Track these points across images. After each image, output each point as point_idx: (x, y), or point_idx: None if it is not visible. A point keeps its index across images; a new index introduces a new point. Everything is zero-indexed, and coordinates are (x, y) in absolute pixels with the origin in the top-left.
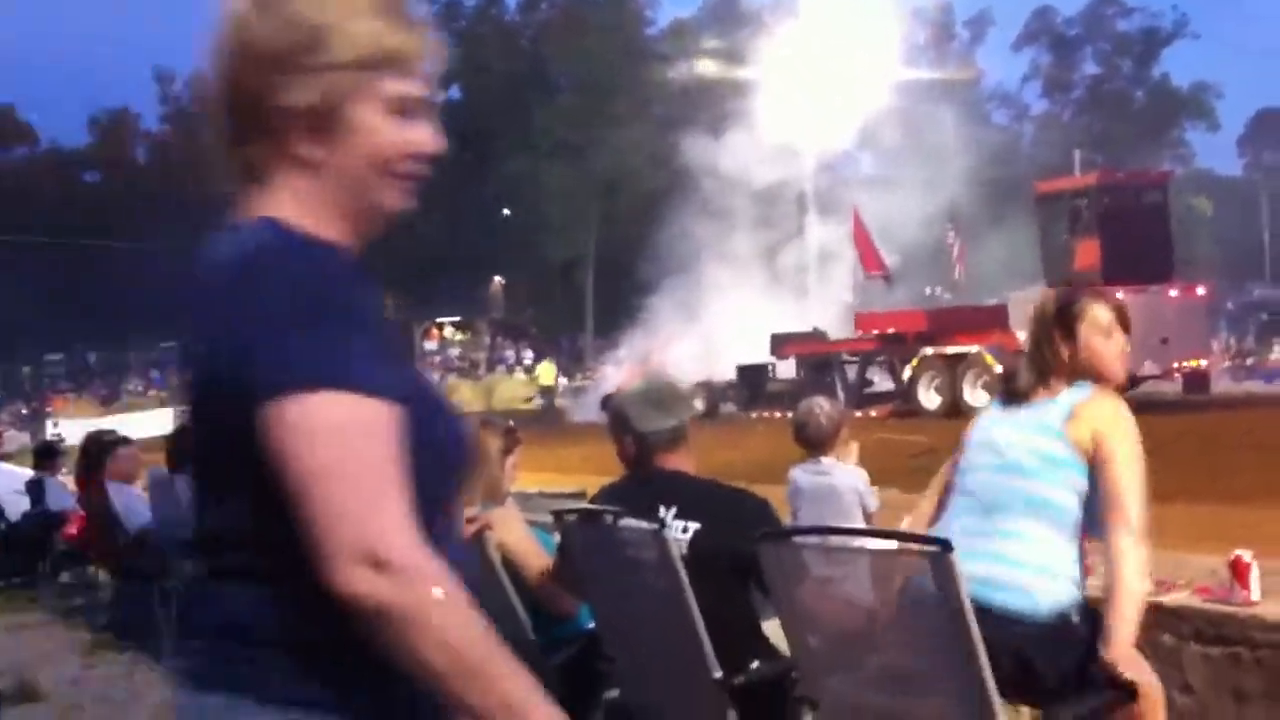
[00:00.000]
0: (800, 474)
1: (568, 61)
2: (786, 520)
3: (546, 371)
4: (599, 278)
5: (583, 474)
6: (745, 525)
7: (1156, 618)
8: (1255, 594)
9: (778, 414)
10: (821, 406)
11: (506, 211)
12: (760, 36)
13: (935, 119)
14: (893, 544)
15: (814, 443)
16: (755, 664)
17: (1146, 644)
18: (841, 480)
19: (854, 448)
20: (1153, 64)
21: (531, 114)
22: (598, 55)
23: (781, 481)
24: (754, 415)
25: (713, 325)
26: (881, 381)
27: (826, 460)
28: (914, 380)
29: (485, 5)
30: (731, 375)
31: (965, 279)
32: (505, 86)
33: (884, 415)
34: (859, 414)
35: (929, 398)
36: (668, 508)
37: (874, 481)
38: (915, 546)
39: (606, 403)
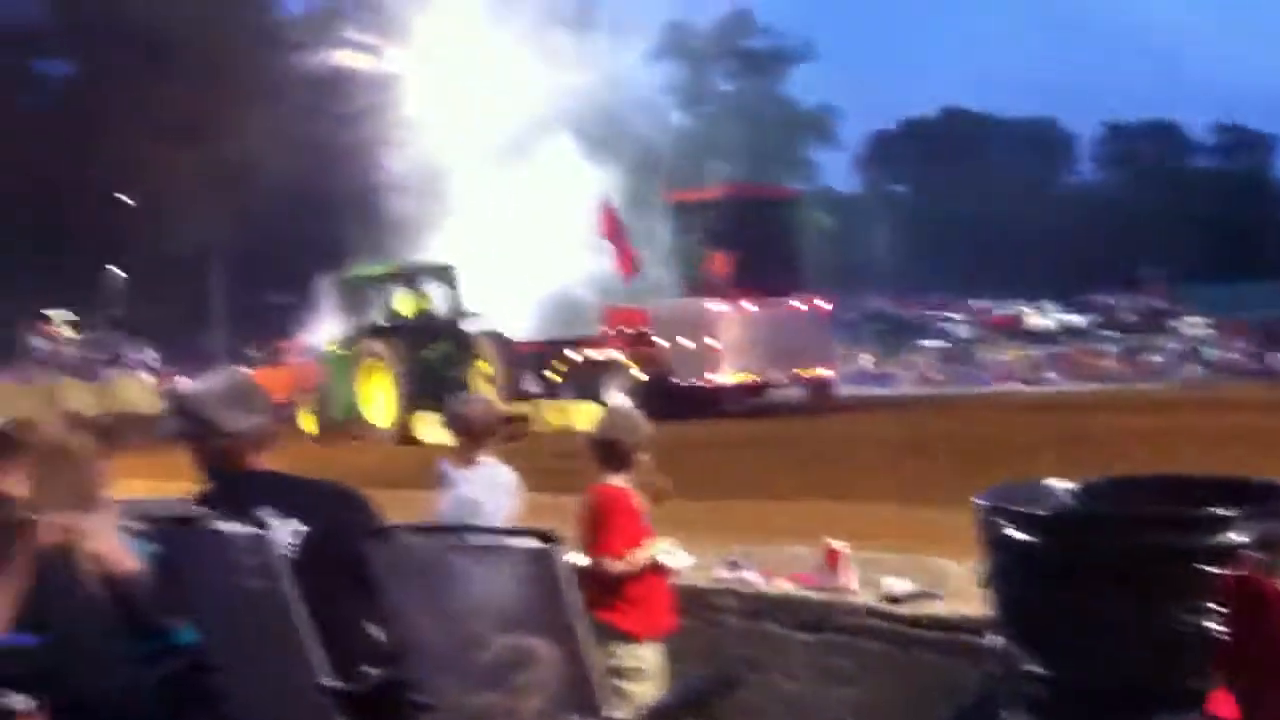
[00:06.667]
0: (468, 473)
1: (188, 40)
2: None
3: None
4: (231, 274)
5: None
6: (350, 522)
7: (762, 607)
8: (853, 583)
9: None
10: (482, 398)
11: (123, 197)
12: (397, 29)
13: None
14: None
15: (477, 434)
16: (367, 669)
17: (754, 633)
18: (507, 477)
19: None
20: (780, 84)
21: (149, 93)
22: (221, 36)
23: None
24: None
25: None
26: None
27: (486, 456)
28: (562, 385)
29: None
30: None
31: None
32: (120, 64)
33: None
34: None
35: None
36: (266, 509)
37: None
38: (520, 542)
39: (181, 405)
